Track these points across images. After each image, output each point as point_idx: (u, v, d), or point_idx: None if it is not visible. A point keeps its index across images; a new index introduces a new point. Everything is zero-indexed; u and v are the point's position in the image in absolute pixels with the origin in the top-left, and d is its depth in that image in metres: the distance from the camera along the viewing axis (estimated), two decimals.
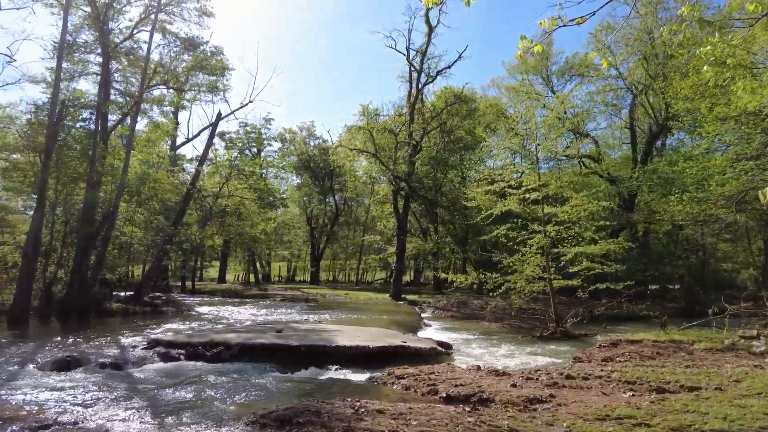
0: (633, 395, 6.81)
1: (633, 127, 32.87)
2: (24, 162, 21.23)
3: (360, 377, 9.01)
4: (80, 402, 6.64)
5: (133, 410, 6.29)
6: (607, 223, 20.03)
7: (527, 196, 17.27)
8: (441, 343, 12.39)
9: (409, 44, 32.45)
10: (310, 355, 10.35)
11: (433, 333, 16.55)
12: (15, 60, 20.86)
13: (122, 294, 23.22)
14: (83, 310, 18.06)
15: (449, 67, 32.60)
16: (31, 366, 8.88)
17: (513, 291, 17.61)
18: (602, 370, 8.21)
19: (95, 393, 7.14)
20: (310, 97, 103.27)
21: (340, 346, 10.51)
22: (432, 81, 32.97)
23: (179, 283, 37.51)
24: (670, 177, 25.65)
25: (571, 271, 16.80)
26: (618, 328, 17.59)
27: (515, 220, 17.95)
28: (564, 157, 30.36)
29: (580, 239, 17.57)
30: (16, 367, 8.81)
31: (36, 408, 6.31)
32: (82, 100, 22.42)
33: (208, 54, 29.28)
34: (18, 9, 21.16)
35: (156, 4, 22.95)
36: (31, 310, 17.37)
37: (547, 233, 16.93)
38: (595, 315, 18.42)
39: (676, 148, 31.33)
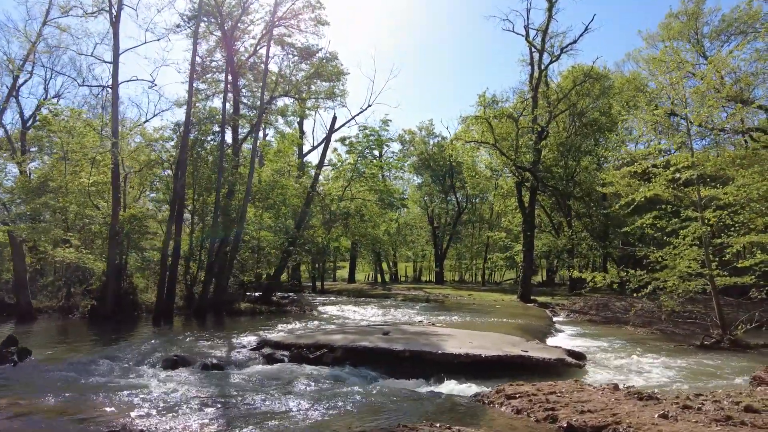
0: None
1: None
2: (166, 176, 23.48)
3: (467, 392, 7.76)
4: (166, 405, 6.40)
5: (211, 419, 5.87)
6: None
7: (677, 176, 14.38)
8: (572, 353, 10.57)
9: (527, 24, 29.94)
10: (415, 361, 9.37)
11: (564, 340, 14.57)
12: (156, 84, 23.54)
13: (254, 294, 24.57)
14: (217, 310, 19.30)
15: (575, 42, 29.39)
16: (144, 364, 9.19)
17: (662, 290, 14.82)
18: None
19: (185, 396, 6.93)
20: (428, 94, 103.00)
21: (447, 353, 9.34)
22: (556, 60, 30.02)
23: (310, 283, 39.25)
24: None
25: (739, 266, 13.82)
26: None
27: (664, 207, 15.10)
28: (722, 131, 25.43)
29: (750, 227, 14.30)
30: (131, 363, 9.19)
31: (120, 409, 6.20)
32: (217, 116, 24.20)
33: (324, 61, 30.03)
34: (158, 40, 23.62)
35: (273, 19, 23.88)
36: (176, 309, 19.10)
37: (706, 220, 13.92)
38: None
39: None
